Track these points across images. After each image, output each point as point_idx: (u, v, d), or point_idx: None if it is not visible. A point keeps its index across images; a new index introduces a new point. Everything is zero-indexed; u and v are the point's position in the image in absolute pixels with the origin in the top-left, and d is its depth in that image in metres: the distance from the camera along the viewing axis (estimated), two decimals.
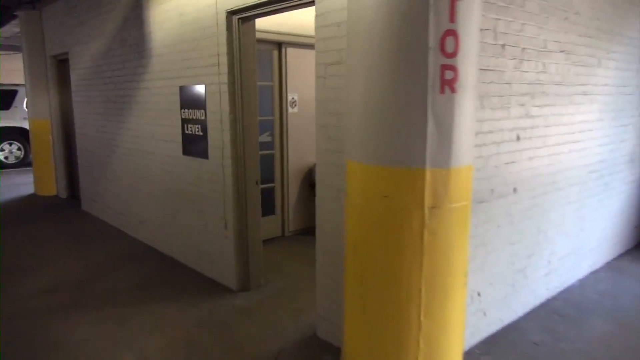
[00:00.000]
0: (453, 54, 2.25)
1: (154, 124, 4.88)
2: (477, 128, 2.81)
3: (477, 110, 2.73)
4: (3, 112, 10.90)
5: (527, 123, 3.30)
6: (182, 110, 4.37)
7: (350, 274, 2.61)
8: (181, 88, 4.34)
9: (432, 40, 2.20)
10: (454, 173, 2.35)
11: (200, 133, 4.18)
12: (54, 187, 8.10)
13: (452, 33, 2.24)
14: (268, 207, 5.47)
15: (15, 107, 11.02)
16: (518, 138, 3.24)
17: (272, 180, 5.45)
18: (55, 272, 4.57)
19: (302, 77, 5.46)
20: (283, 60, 5.28)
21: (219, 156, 3.98)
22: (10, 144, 11.12)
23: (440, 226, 2.38)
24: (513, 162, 3.23)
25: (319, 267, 3.24)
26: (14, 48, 12.34)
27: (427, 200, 2.32)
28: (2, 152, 11.04)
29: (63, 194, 7.91)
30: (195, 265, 4.52)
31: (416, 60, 2.22)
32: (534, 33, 3.24)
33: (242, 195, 3.92)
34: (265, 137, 5.30)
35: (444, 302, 2.46)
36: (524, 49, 3.17)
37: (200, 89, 4.10)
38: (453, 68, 2.26)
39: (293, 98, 5.42)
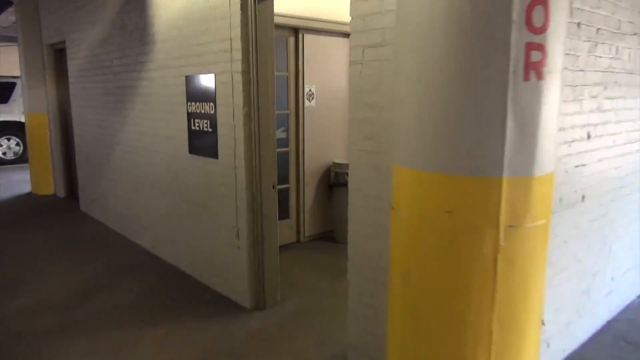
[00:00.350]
0: (542, 29, 1.73)
1: (157, 118, 4.38)
2: None
3: None
4: (1, 106, 10.44)
5: (598, 118, 2.78)
6: (189, 104, 3.86)
7: (397, 305, 2.11)
8: (187, 78, 3.84)
9: (517, 11, 1.68)
10: (537, 183, 1.84)
11: (209, 129, 3.67)
12: (52, 185, 7.63)
13: (542, 1, 1.72)
14: (282, 210, 4.97)
15: (14, 100, 10.56)
16: (589, 136, 2.72)
17: (286, 181, 4.94)
18: (45, 287, 4.09)
19: (320, 67, 4.94)
20: (300, 47, 4.76)
21: (230, 156, 3.47)
22: (9, 139, 10.66)
23: (518, 250, 1.87)
24: (583, 164, 2.71)
25: (351, 290, 2.73)
26: (12, 39, 11.87)
27: (504, 218, 1.82)
28: (0, 148, 10.59)
29: (61, 193, 7.43)
30: (203, 277, 4.02)
31: (494, 37, 1.70)
32: (609, 11, 2.71)
33: (257, 201, 3.41)
34: (279, 133, 4.79)
35: (520, 345, 1.96)
36: (598, 29, 2.64)
37: (209, 78, 3.59)
38: (541, 47, 1.74)
39: (310, 90, 4.91)
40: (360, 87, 2.46)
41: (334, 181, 4.95)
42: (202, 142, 3.78)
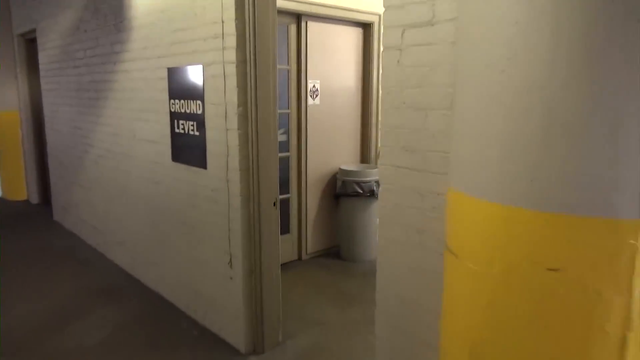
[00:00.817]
0: None
1: (135, 118, 3.72)
2: None
3: None
4: None
5: None
6: (172, 102, 3.21)
7: None
8: (170, 70, 3.18)
9: None
10: None
11: (196, 133, 3.02)
12: (25, 190, 6.93)
13: None
14: (282, 223, 4.33)
15: None
16: None
17: (286, 190, 4.30)
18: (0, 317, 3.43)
19: (326, 60, 4.30)
20: (303, 37, 4.12)
21: (221, 166, 2.83)
22: None
23: None
24: None
25: (379, 346, 2.10)
26: None
27: (638, 281, 1.22)
28: None
29: (35, 199, 6.74)
30: (189, 309, 3.38)
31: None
32: None
33: (254, 223, 2.77)
34: (279, 136, 4.16)
35: None
36: None
37: (196, 71, 2.94)
38: None
39: (314, 86, 4.27)
40: (398, 81, 1.83)
41: (340, 191, 4.32)
42: (188, 148, 3.12)
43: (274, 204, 2.83)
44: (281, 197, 4.20)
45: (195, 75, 2.95)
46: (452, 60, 1.62)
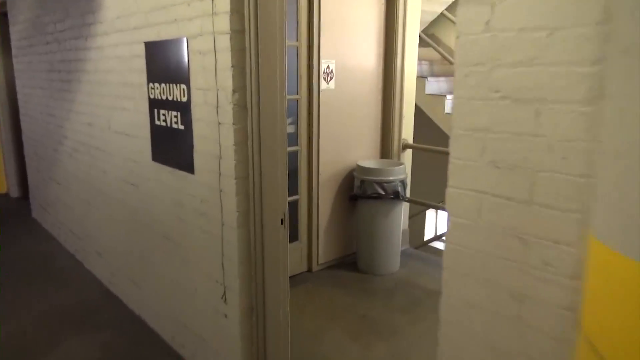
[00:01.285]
0: None
1: (109, 106, 3.03)
2: None
3: None
4: None
5: None
6: (151, 85, 2.52)
7: None
8: (148, 46, 2.49)
9: None
10: None
11: (180, 126, 2.34)
12: (4, 183, 6.28)
13: None
14: (289, 229, 3.68)
15: None
16: None
17: (294, 191, 3.63)
18: None
19: (342, 36, 3.58)
20: (315, 8, 3.40)
21: (212, 171, 2.15)
22: None
23: None
24: None
25: None
26: None
27: None
28: None
29: (15, 192, 6.09)
30: (176, 343, 2.74)
31: None
32: None
33: (255, 247, 2.11)
34: (288, 127, 3.48)
35: None
36: None
37: (178, 45, 2.24)
38: None
39: (328, 67, 3.56)
40: (487, 55, 1.13)
41: (358, 192, 3.64)
42: (171, 146, 2.45)
43: (282, 222, 2.16)
44: (290, 199, 3.55)
45: (177, 50, 2.25)
46: (595, 18, 0.93)
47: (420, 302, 3.33)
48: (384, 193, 3.55)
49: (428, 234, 6.52)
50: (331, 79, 3.59)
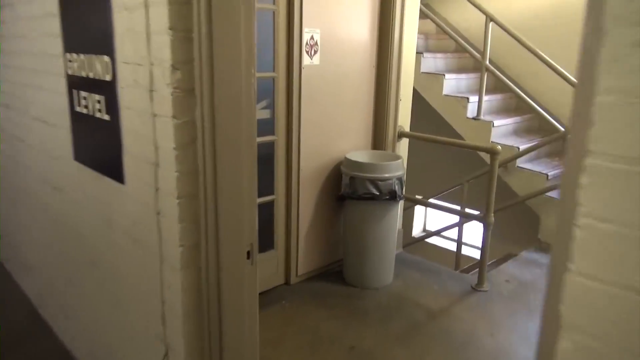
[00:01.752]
0: None
1: (26, 83, 2.31)
2: None
3: None
4: None
5: None
6: (68, 57, 1.82)
7: None
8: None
9: None
10: None
11: (105, 116, 1.65)
12: None
13: None
14: (263, 235, 3.05)
15: None
16: None
17: (269, 190, 2.98)
18: None
19: (329, 0, 2.91)
20: None
21: (147, 183, 1.49)
22: None
23: None
24: None
25: None
26: None
27: None
28: None
29: None
30: None
31: None
32: None
33: (210, 293, 1.46)
34: (259, 112, 2.81)
35: None
36: None
37: None
38: None
39: (312, 38, 2.88)
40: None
41: (347, 191, 3.01)
42: (95, 143, 1.76)
43: (248, 255, 1.51)
44: (264, 199, 2.91)
45: (98, 5, 1.55)
46: None
47: (422, 327, 2.75)
48: (377, 193, 2.93)
49: (416, 229, 5.96)
50: (315, 52, 2.91)
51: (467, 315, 2.86)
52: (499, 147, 2.95)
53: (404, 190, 3.09)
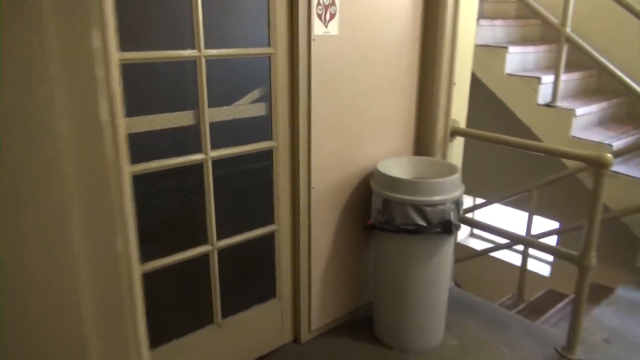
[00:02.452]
0: None
1: None
2: None
3: None
4: None
5: None
6: None
7: None
8: None
9: None
10: None
11: None
12: None
13: None
14: (263, 279, 2.18)
15: None
16: None
17: (268, 219, 2.08)
18: None
19: None
20: None
21: None
22: None
23: None
24: None
25: None
26: None
27: None
28: None
29: None
30: None
31: None
32: None
33: None
34: (249, 108, 1.90)
35: None
36: None
37: None
38: None
39: None
40: None
41: (379, 219, 2.07)
42: None
43: None
44: (259, 231, 2.03)
45: None
46: None
47: None
48: (424, 224, 1.99)
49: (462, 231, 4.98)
50: (332, 16, 1.96)
51: None
52: (609, 155, 1.95)
53: (460, 212, 2.13)
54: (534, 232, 3.22)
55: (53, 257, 0.94)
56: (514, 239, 2.73)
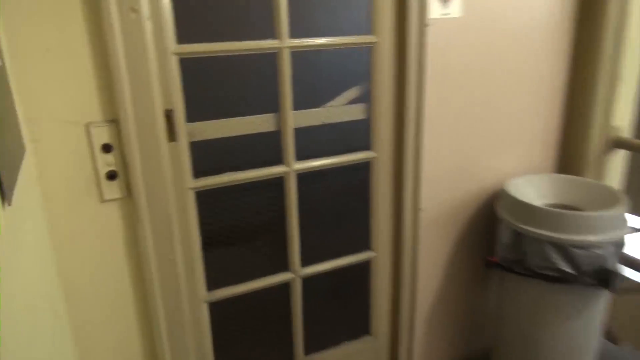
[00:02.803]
0: None
1: None
2: None
3: None
4: None
5: None
6: None
7: None
8: None
9: None
10: None
11: None
12: None
13: None
14: (357, 313, 1.83)
15: None
16: None
17: (364, 244, 1.71)
18: None
19: None
20: None
21: None
22: None
23: None
24: None
25: None
26: None
27: None
28: None
29: None
30: None
31: None
32: None
33: None
34: (344, 111, 1.54)
35: None
36: None
37: None
38: None
39: None
40: None
41: (507, 255, 1.60)
42: None
43: None
44: (353, 258, 1.68)
45: None
46: None
47: None
48: (573, 272, 1.47)
49: None
50: None
51: None
52: None
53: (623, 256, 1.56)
54: None
55: None
56: None
